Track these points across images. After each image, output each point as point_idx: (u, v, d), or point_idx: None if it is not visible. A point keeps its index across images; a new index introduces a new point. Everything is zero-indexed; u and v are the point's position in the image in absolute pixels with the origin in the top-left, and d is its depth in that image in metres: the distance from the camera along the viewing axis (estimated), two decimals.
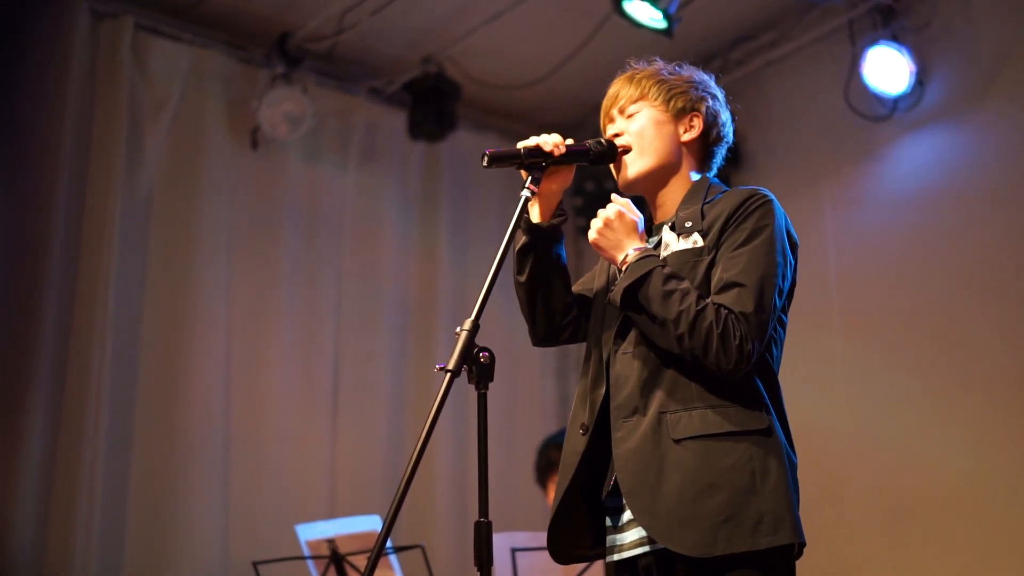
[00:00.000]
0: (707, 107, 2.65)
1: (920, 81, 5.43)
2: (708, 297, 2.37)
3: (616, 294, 2.44)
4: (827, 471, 5.41)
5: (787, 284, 2.43)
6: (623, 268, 2.44)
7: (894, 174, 5.63)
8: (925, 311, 5.36)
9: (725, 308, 2.33)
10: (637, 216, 2.52)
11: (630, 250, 2.45)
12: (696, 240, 2.46)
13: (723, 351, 2.30)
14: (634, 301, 2.39)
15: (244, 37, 6.05)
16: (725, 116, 2.70)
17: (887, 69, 5.42)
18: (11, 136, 5.34)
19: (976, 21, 5.37)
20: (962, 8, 5.39)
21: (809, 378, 5.47)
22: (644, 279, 2.38)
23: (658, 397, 2.38)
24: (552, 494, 4.92)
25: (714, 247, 2.44)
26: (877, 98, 5.55)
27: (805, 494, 2.45)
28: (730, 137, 2.72)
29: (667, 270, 2.39)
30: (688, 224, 2.50)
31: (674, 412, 2.36)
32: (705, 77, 2.71)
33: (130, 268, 5.51)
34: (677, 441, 2.33)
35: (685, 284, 2.37)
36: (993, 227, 5.20)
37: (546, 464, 5.08)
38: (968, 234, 5.27)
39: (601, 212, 2.51)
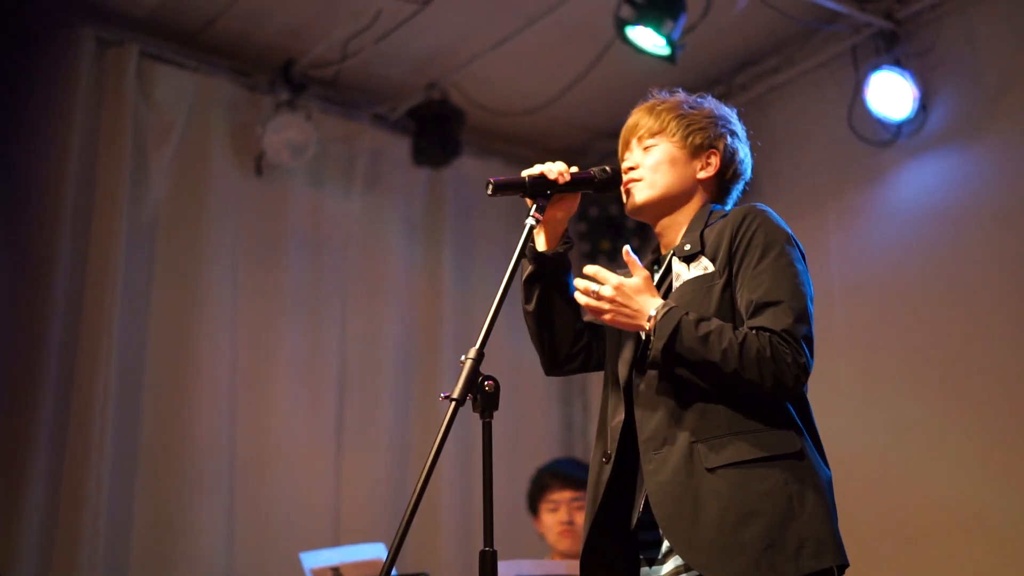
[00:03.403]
0: (725, 145, 2.63)
1: (923, 106, 5.43)
2: (736, 325, 2.35)
3: (655, 356, 2.38)
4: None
5: (811, 289, 2.42)
6: (652, 332, 2.38)
7: (898, 199, 5.63)
8: (930, 335, 5.34)
9: (766, 330, 2.31)
10: (640, 274, 2.44)
11: (650, 311, 2.38)
12: (707, 266, 2.45)
13: (779, 373, 2.29)
14: (675, 356, 2.35)
15: (249, 64, 6.07)
16: (744, 153, 2.68)
17: (890, 94, 5.42)
18: (17, 162, 5.36)
19: (979, 46, 5.37)
20: (965, 33, 5.40)
21: (813, 402, 5.42)
22: (675, 332, 2.33)
23: (687, 426, 2.37)
24: (544, 521, 4.91)
25: (725, 268, 2.42)
26: (880, 123, 5.55)
27: None
28: (748, 174, 2.70)
29: (692, 315, 2.35)
30: (688, 247, 2.49)
31: (705, 441, 2.34)
32: (726, 112, 2.69)
33: (135, 294, 5.51)
34: (710, 470, 2.31)
35: (716, 323, 2.34)
36: (997, 252, 5.19)
37: (538, 489, 5.01)
38: (972, 259, 5.25)
39: (604, 290, 2.41)
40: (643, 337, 2.45)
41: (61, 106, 5.44)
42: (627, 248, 2.49)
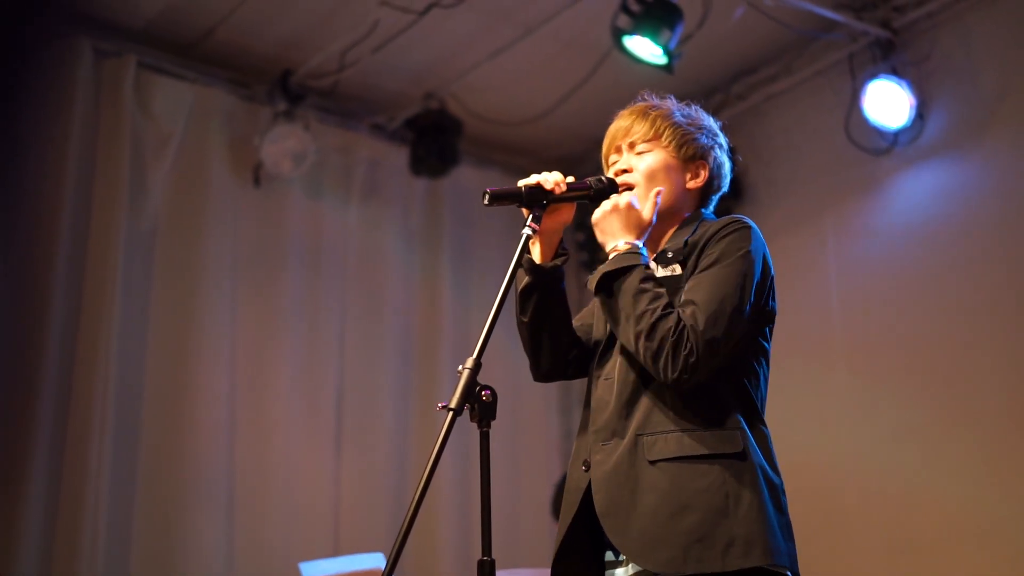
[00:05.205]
0: (714, 157, 2.66)
1: (920, 114, 5.44)
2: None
3: (594, 277, 2.47)
4: (831, 504, 5.38)
5: (748, 307, 2.42)
6: (610, 255, 2.48)
7: (895, 207, 5.64)
8: (927, 344, 5.35)
9: (683, 321, 2.36)
10: (646, 216, 2.53)
11: (621, 242, 2.49)
12: (675, 269, 2.50)
13: (671, 359, 2.33)
14: (608, 287, 2.44)
15: (247, 75, 6.09)
16: (727, 167, 2.71)
17: (887, 102, 5.43)
18: (15, 173, 5.37)
19: (976, 54, 5.39)
20: (961, 41, 5.41)
21: (812, 411, 5.45)
22: (625, 271, 2.42)
23: (635, 420, 2.41)
24: None
25: (692, 274, 2.47)
26: (878, 131, 5.57)
27: (809, 527, 2.44)
28: (726, 187, 2.74)
29: (649, 272, 2.43)
30: (670, 255, 2.53)
31: (650, 435, 2.39)
32: (713, 124, 2.71)
33: (134, 304, 5.52)
34: (652, 463, 2.36)
35: (661, 290, 2.40)
36: (995, 260, 5.19)
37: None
38: (970, 267, 5.26)
39: (614, 197, 2.54)
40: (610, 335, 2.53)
41: (59, 117, 5.45)
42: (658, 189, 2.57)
